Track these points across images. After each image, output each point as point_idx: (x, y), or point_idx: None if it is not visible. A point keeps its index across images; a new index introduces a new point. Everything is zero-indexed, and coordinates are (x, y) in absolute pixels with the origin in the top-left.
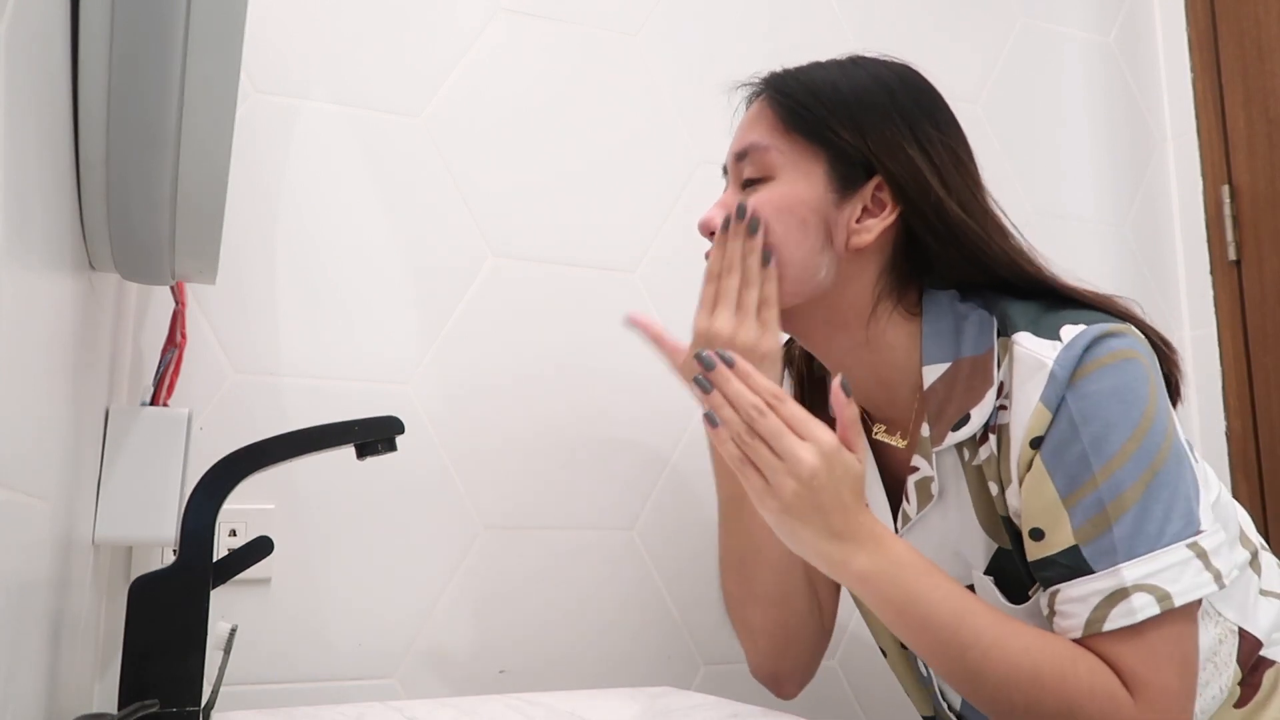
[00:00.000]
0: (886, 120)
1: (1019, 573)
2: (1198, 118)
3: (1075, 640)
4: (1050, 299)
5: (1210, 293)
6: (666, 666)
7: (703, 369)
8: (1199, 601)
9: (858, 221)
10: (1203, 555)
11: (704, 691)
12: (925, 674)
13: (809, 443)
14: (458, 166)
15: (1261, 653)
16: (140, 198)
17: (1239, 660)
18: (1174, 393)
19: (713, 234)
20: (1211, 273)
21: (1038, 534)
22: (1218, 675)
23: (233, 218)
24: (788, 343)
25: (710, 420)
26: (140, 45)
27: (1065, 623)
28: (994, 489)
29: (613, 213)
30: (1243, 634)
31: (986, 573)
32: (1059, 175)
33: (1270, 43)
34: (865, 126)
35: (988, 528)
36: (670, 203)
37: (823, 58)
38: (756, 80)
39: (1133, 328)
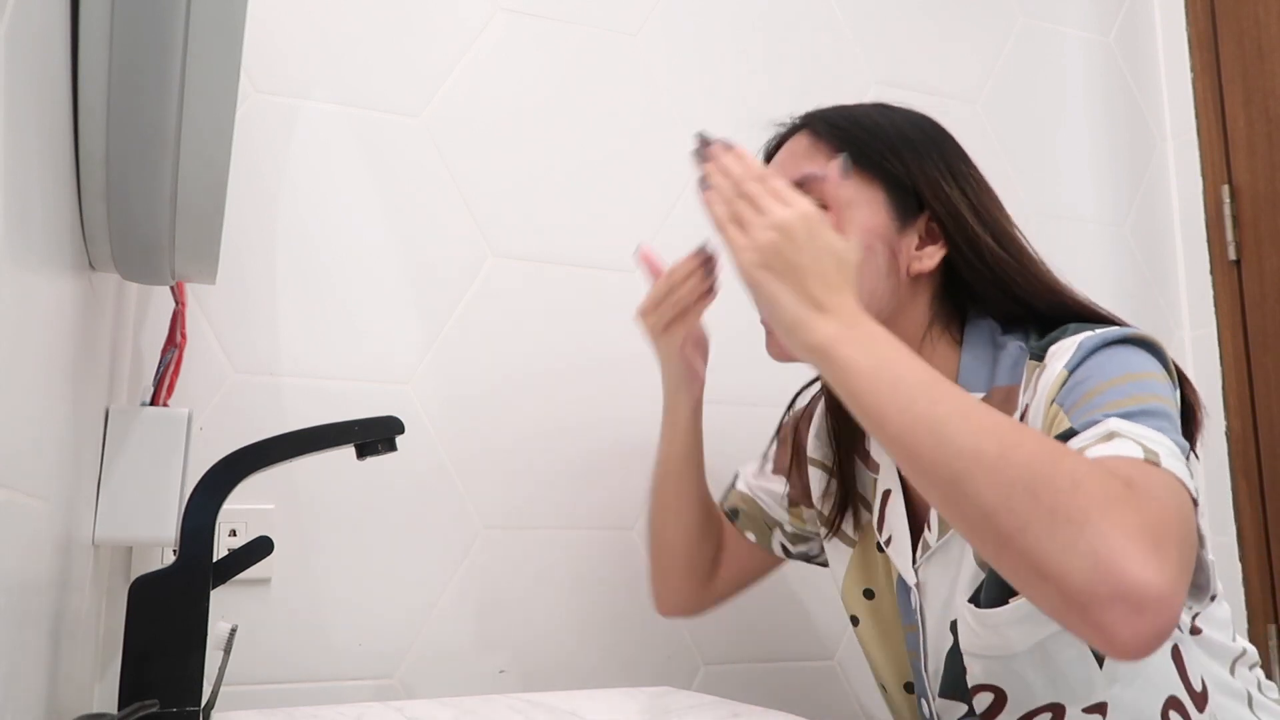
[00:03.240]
0: (927, 157)
1: (995, 591)
2: (1198, 118)
3: None
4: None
5: (1210, 293)
6: (666, 666)
7: (701, 144)
8: (1194, 499)
9: (917, 249)
10: (1188, 461)
11: (704, 691)
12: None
13: (791, 206)
14: (458, 166)
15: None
16: (140, 198)
17: None
18: (1192, 425)
19: None
20: (1211, 273)
21: None
22: None
23: (233, 218)
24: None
25: (703, 184)
26: (140, 45)
27: None
28: None
29: (613, 213)
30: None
31: (969, 600)
32: (1059, 175)
33: (1270, 43)
34: (910, 162)
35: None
36: (670, 203)
37: (823, 59)
38: (793, 119)
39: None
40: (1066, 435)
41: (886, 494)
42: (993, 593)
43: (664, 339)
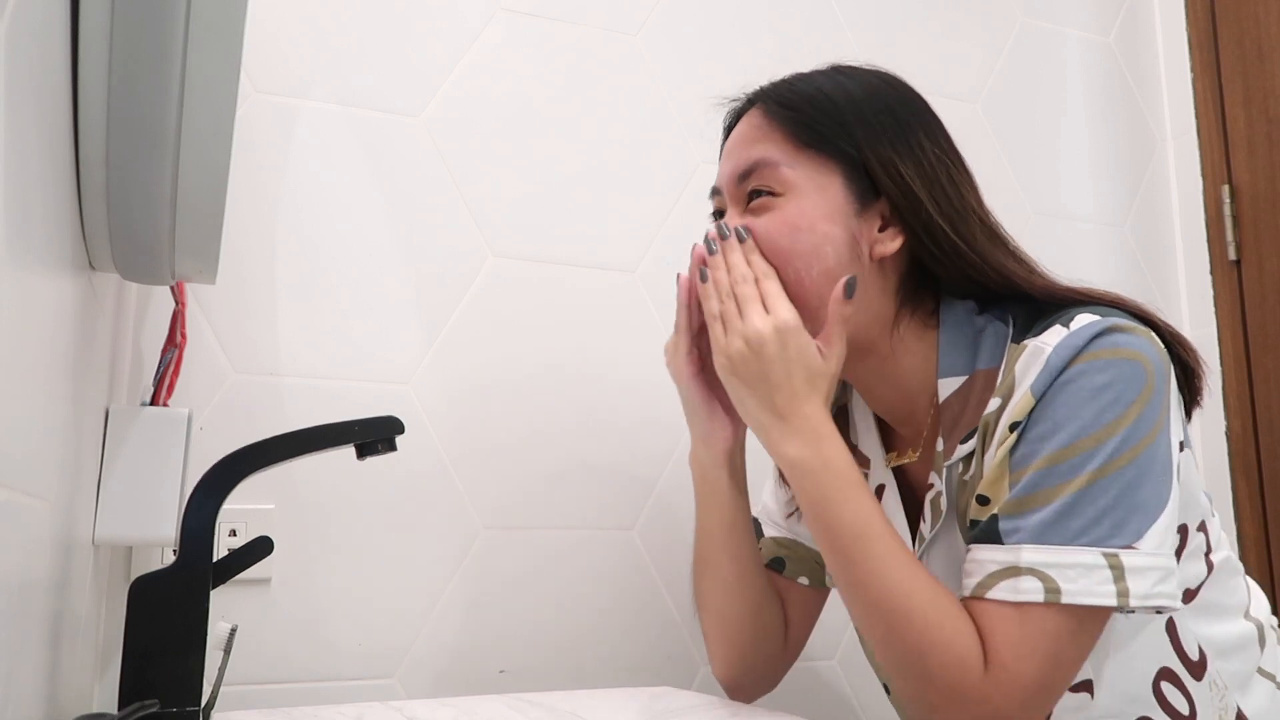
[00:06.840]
0: (882, 135)
1: None
2: (1198, 118)
3: (964, 599)
4: (1064, 304)
5: (1210, 293)
6: (666, 666)
7: (716, 236)
8: (1102, 615)
9: (880, 230)
10: (1118, 568)
11: (704, 691)
12: None
13: (770, 315)
14: (458, 166)
15: None
16: (140, 198)
17: None
18: (1193, 393)
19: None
20: (1211, 272)
21: (983, 500)
22: None
23: (233, 218)
24: None
25: (702, 276)
26: (140, 45)
27: (964, 580)
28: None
29: (613, 212)
30: (1239, 713)
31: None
32: (1059, 175)
33: (1270, 43)
34: (863, 142)
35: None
36: (671, 202)
37: (823, 57)
38: (745, 94)
39: (1150, 332)
40: (990, 528)
41: (880, 489)
42: None
43: (676, 367)
